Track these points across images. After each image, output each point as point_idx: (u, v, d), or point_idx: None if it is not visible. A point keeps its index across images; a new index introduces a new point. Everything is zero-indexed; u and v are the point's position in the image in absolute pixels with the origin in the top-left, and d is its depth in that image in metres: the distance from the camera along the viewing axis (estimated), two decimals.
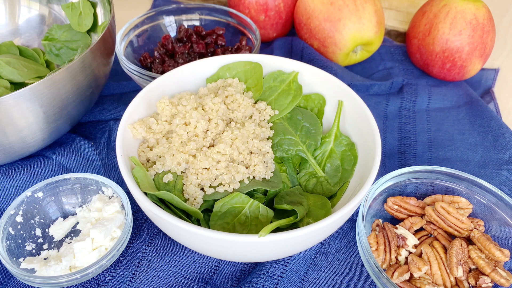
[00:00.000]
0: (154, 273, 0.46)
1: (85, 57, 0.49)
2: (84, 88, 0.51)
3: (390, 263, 0.45)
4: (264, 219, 0.44)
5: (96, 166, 0.55)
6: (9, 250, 0.44)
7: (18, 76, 0.58)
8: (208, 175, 0.45)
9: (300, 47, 0.72)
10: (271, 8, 0.73)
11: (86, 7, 0.63)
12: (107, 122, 0.61)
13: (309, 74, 0.54)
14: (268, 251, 0.40)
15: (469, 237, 0.47)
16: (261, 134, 0.49)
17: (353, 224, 0.51)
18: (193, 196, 0.44)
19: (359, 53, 0.72)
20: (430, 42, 0.67)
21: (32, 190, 0.47)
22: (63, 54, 0.64)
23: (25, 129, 0.47)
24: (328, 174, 0.50)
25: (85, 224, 0.47)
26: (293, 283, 0.46)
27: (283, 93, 0.53)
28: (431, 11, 0.68)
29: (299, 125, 0.52)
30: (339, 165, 0.50)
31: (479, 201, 0.49)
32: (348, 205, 0.40)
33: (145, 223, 0.50)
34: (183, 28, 0.70)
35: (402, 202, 0.49)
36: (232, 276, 0.47)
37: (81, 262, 0.43)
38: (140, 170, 0.44)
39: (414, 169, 0.50)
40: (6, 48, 0.64)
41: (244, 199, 0.44)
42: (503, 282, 0.42)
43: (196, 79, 0.55)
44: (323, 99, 0.54)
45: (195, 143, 0.46)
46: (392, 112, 0.66)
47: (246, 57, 0.55)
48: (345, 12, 0.66)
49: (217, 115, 0.48)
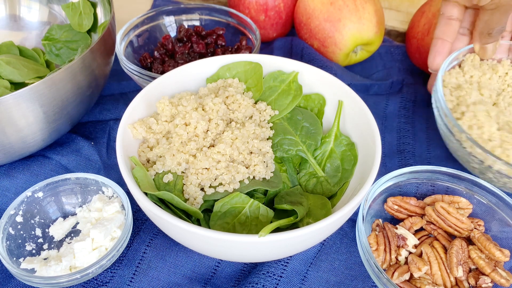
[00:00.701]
0: (154, 273, 0.46)
1: (85, 57, 0.49)
2: (84, 88, 0.51)
3: (390, 263, 0.45)
4: (264, 219, 0.44)
5: (96, 166, 0.55)
6: (9, 250, 0.44)
7: (18, 76, 0.58)
8: (208, 175, 0.45)
9: (300, 47, 0.72)
10: (271, 8, 0.73)
11: (86, 7, 0.63)
12: (107, 122, 0.61)
13: (309, 74, 0.54)
14: (268, 251, 0.40)
15: (469, 237, 0.47)
16: (261, 134, 0.49)
17: (353, 224, 0.51)
18: (193, 196, 0.44)
19: (359, 53, 0.72)
20: (429, 42, 0.67)
21: (32, 190, 0.47)
22: (63, 54, 0.64)
23: (25, 129, 0.47)
24: (328, 174, 0.50)
25: (85, 224, 0.47)
26: (293, 283, 0.46)
27: (283, 93, 0.53)
28: (430, 11, 0.68)
29: (299, 125, 0.52)
30: (339, 165, 0.50)
31: (479, 201, 0.49)
32: (348, 205, 0.40)
33: (145, 223, 0.50)
34: (183, 28, 0.70)
35: (402, 202, 0.49)
36: (232, 276, 0.47)
37: (81, 262, 0.43)
38: (140, 170, 0.44)
39: (414, 169, 0.50)
40: (6, 48, 0.64)
41: (244, 199, 0.44)
42: (503, 282, 0.42)
43: (196, 79, 0.55)
44: (323, 99, 0.54)
45: (195, 143, 0.46)
46: (391, 112, 0.66)
47: (246, 57, 0.55)
48: (345, 12, 0.66)
49: (217, 115, 0.48)
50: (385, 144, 0.61)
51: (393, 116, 0.66)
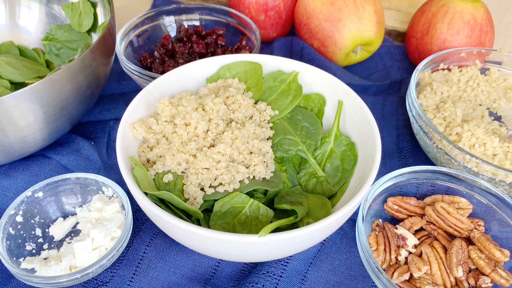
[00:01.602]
0: (154, 273, 0.46)
1: (85, 57, 0.49)
2: (84, 88, 0.51)
3: (390, 263, 0.45)
4: (264, 219, 0.44)
5: (96, 166, 0.55)
6: (9, 250, 0.44)
7: (18, 76, 0.58)
8: (208, 175, 0.45)
9: (300, 47, 0.72)
10: (271, 8, 0.73)
11: (86, 7, 0.63)
12: (107, 122, 0.61)
13: (309, 74, 0.54)
14: (268, 251, 0.40)
15: (469, 237, 0.47)
16: (261, 134, 0.49)
17: (353, 224, 0.51)
18: (193, 196, 0.44)
19: (359, 53, 0.72)
20: (428, 42, 0.67)
21: (32, 190, 0.47)
22: (63, 54, 0.64)
23: (25, 129, 0.47)
24: (328, 174, 0.50)
25: (85, 224, 0.47)
26: (293, 283, 0.46)
27: (283, 93, 0.53)
28: (430, 10, 0.68)
29: (299, 125, 0.52)
30: (339, 165, 0.50)
31: (479, 201, 0.49)
32: (348, 205, 0.40)
33: (145, 223, 0.50)
34: (183, 28, 0.70)
35: (402, 202, 0.49)
36: (232, 276, 0.47)
37: (81, 262, 0.43)
38: (140, 170, 0.44)
39: (414, 169, 0.50)
40: (6, 48, 0.64)
41: (244, 199, 0.44)
42: (503, 283, 0.42)
43: (196, 79, 0.55)
44: (323, 99, 0.54)
45: (196, 143, 0.46)
46: (389, 111, 0.67)
47: (246, 57, 0.55)
48: (345, 12, 0.66)
49: (217, 115, 0.48)
50: (384, 143, 0.61)
51: (391, 115, 0.66)
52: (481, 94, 0.61)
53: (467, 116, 0.57)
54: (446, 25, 0.65)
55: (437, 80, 0.61)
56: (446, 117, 0.55)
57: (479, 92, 0.61)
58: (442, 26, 0.66)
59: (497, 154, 0.50)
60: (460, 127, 0.52)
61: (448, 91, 0.59)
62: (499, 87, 0.62)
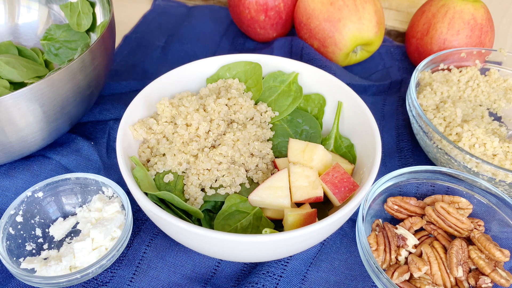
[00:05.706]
0: (154, 273, 0.46)
1: (85, 56, 0.49)
2: (84, 88, 0.51)
3: (390, 263, 0.45)
4: (266, 224, 0.45)
5: (96, 166, 0.55)
6: (9, 250, 0.44)
7: (18, 76, 0.58)
8: (209, 176, 0.45)
9: (300, 47, 0.72)
10: (271, 8, 0.73)
11: (85, 7, 0.63)
12: (107, 122, 0.61)
13: (309, 74, 0.54)
14: (268, 251, 0.40)
15: (469, 237, 0.47)
16: (262, 135, 0.49)
17: (353, 224, 0.51)
18: (194, 197, 0.44)
19: (359, 53, 0.72)
20: (428, 42, 0.67)
21: (32, 190, 0.47)
22: (62, 54, 0.64)
23: (25, 128, 0.47)
24: None
25: (85, 224, 0.47)
26: (293, 283, 0.46)
27: (283, 94, 0.53)
28: (430, 10, 0.68)
29: (299, 128, 0.52)
30: None
31: (479, 201, 0.49)
32: (348, 205, 0.40)
33: (145, 223, 0.50)
34: None
35: (402, 202, 0.49)
36: (232, 276, 0.47)
37: (81, 262, 0.43)
38: (140, 170, 0.44)
39: (414, 169, 0.50)
40: (5, 48, 0.64)
41: (249, 206, 0.44)
42: (503, 283, 0.42)
43: (196, 79, 0.55)
44: (323, 99, 0.54)
45: (197, 144, 0.46)
46: (389, 111, 0.66)
47: (246, 57, 0.55)
48: (345, 12, 0.66)
49: (219, 116, 0.48)
50: (384, 143, 0.61)
51: (391, 115, 0.66)
52: (481, 95, 0.61)
53: (467, 116, 0.57)
54: (446, 25, 0.65)
55: (437, 80, 0.61)
56: (446, 117, 0.55)
57: (479, 93, 0.61)
58: (442, 26, 0.66)
59: (497, 154, 0.50)
60: (460, 127, 0.52)
61: (448, 91, 0.59)
62: (499, 87, 0.62)
